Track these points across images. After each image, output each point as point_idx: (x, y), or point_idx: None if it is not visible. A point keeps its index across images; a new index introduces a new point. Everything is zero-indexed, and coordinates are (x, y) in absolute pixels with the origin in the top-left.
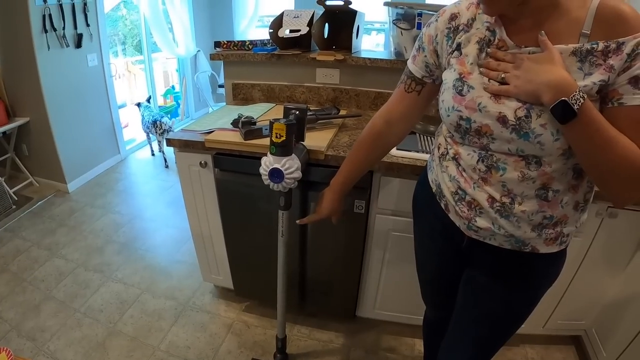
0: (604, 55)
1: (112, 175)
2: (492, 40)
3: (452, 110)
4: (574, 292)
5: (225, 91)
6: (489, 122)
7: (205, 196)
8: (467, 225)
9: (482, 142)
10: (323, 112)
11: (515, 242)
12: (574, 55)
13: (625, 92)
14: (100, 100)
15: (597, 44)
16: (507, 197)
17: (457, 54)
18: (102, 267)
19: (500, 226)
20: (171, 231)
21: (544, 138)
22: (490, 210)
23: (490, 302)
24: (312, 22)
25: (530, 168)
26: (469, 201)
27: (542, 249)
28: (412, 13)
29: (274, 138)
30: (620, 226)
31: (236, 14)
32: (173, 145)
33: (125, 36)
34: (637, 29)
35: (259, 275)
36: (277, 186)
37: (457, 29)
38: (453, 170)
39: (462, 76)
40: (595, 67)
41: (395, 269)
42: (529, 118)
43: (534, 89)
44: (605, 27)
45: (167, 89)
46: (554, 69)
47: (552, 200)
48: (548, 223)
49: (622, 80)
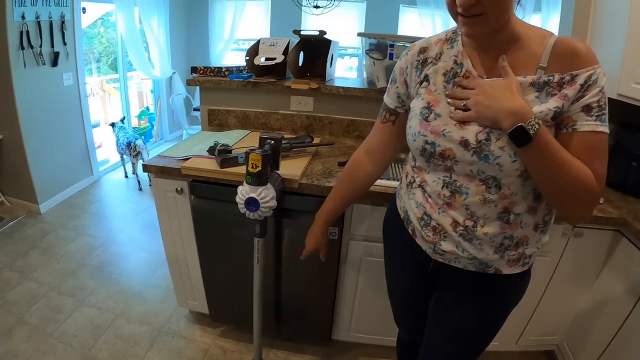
0: (559, 86)
1: (85, 197)
2: (459, 72)
3: (418, 135)
4: (544, 308)
5: (201, 117)
6: (452, 145)
7: (181, 222)
8: (432, 249)
9: (446, 165)
10: (297, 140)
11: (478, 264)
12: (532, 86)
13: (578, 119)
14: (75, 120)
15: (553, 76)
16: (470, 220)
17: (425, 84)
18: (75, 291)
19: (463, 249)
20: (145, 255)
21: (502, 160)
22: (454, 234)
23: (458, 321)
24: (288, 51)
25: (491, 191)
26: (434, 226)
27: (505, 270)
28: (385, 43)
29: (250, 168)
30: (586, 245)
31: (212, 36)
32: (149, 171)
33: (100, 54)
34: (589, 63)
35: (235, 300)
36: (253, 214)
37: (425, 61)
38: (419, 196)
39: (430, 104)
40: (551, 96)
41: (369, 292)
42: (489, 141)
43: (493, 115)
44: (561, 61)
45: (142, 109)
46: (512, 97)
47: (513, 222)
48: (510, 244)
49: (576, 108)
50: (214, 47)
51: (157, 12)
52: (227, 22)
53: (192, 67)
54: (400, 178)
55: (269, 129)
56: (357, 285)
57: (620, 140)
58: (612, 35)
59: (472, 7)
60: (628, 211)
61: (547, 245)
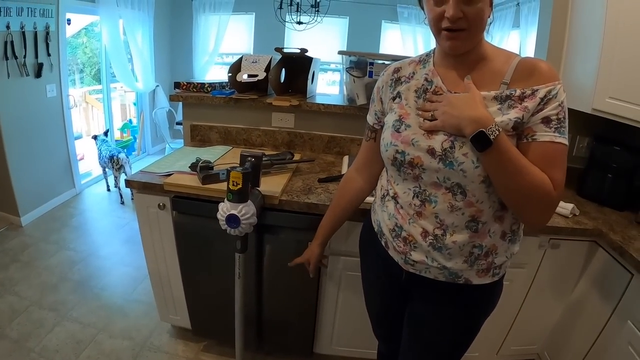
0: (520, 99)
1: (67, 210)
2: (429, 88)
3: (390, 145)
4: (524, 318)
5: (184, 132)
6: (420, 154)
7: (163, 237)
8: (404, 259)
9: (415, 173)
10: (278, 157)
11: (448, 274)
12: (495, 99)
13: (538, 129)
14: (57, 132)
15: (515, 91)
16: (440, 228)
17: (398, 100)
18: (56, 306)
19: (433, 258)
20: (127, 270)
21: (465, 166)
22: (423, 243)
23: (431, 333)
24: (270, 68)
25: (457, 199)
26: (404, 237)
27: (475, 281)
28: (365, 61)
29: (230, 185)
30: (563, 256)
31: (196, 50)
32: (132, 186)
33: (84, 64)
34: (550, 79)
35: (217, 315)
36: (234, 231)
37: (399, 80)
38: (392, 208)
39: (401, 117)
40: (512, 109)
41: (350, 306)
42: (453, 149)
43: (457, 123)
44: (523, 78)
45: (125, 122)
46: (475, 106)
47: (481, 231)
48: (479, 253)
49: (536, 119)
50: (198, 61)
51: (141, 24)
52: (211, 36)
53: (175, 82)
54: (375, 193)
55: (250, 144)
56: (337, 299)
57: (596, 153)
58: (587, 51)
59: (459, 21)
60: (604, 222)
61: (524, 257)
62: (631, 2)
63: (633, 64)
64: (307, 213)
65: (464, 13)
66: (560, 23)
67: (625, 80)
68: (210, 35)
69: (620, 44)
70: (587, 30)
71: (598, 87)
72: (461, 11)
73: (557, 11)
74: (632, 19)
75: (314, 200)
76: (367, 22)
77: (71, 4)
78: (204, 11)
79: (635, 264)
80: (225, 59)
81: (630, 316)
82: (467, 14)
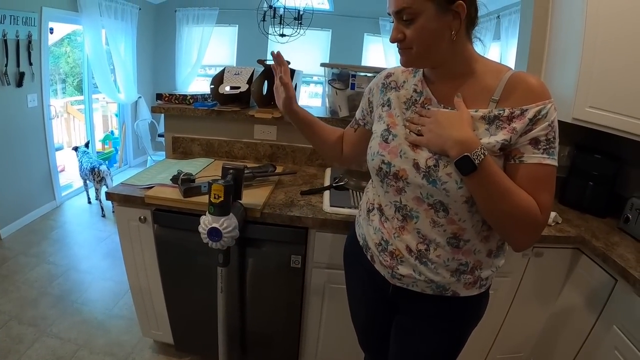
0: (509, 120)
1: (47, 223)
2: (418, 99)
3: (377, 155)
4: (509, 326)
5: (165, 144)
6: (406, 167)
7: (144, 251)
8: (391, 273)
9: (398, 186)
10: (260, 170)
11: (436, 287)
12: (483, 119)
13: (525, 151)
14: (38, 143)
15: (504, 111)
16: (423, 244)
17: (386, 109)
18: (36, 321)
19: (420, 272)
20: (108, 284)
21: (449, 185)
22: (410, 257)
23: (419, 345)
24: (252, 80)
25: (439, 215)
26: (391, 251)
27: (462, 293)
28: (347, 73)
29: (212, 199)
30: (547, 264)
31: (179, 61)
32: (113, 199)
33: (66, 74)
34: (540, 98)
35: (200, 330)
36: (216, 244)
37: (389, 85)
38: (377, 222)
39: (389, 126)
40: (500, 129)
41: (334, 319)
42: (437, 167)
43: (442, 143)
44: (513, 95)
45: (106, 134)
46: (461, 127)
47: (464, 248)
48: (465, 269)
49: (524, 140)
50: (181, 73)
51: (124, 35)
52: (194, 48)
53: (158, 93)
54: (360, 205)
55: (232, 157)
56: (321, 312)
57: (577, 162)
58: (567, 62)
59: (402, 42)
60: (586, 229)
61: (507, 266)
62: (609, 13)
63: (612, 73)
64: (289, 226)
65: (405, 34)
66: (540, 35)
67: (604, 89)
68: (193, 47)
69: (600, 54)
70: (566, 41)
71: (578, 97)
72: (402, 32)
73: (537, 23)
74: (611, 29)
75: (296, 213)
76: (349, 35)
77: (54, 13)
78: (187, 23)
79: (619, 270)
80: (208, 71)
81: (615, 321)
82: (407, 35)
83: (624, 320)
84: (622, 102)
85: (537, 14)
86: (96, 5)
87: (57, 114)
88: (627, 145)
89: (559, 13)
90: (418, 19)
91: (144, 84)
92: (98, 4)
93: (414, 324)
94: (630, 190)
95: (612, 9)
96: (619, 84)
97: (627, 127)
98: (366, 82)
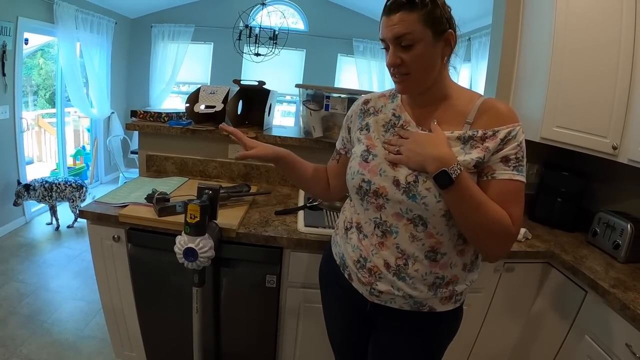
0: (482, 140)
1: (15, 239)
2: (397, 123)
3: (357, 174)
4: (484, 340)
5: (139, 162)
6: (386, 184)
7: (117, 270)
8: (369, 291)
9: (379, 203)
10: (235, 190)
11: (413, 303)
12: (458, 139)
13: (497, 168)
14: (8, 157)
15: (477, 132)
16: (402, 259)
17: (365, 132)
18: (5, 341)
19: (398, 288)
20: (79, 304)
21: (428, 200)
22: (388, 273)
23: None
24: (227, 99)
25: (418, 230)
26: (369, 267)
27: (438, 308)
28: (321, 94)
29: (188, 219)
30: (518, 278)
31: (153, 78)
32: (86, 217)
33: (38, 86)
34: (510, 121)
35: (175, 351)
36: (192, 264)
37: (367, 111)
38: (355, 240)
39: (369, 148)
40: (474, 149)
41: (310, 338)
42: (417, 183)
43: (421, 160)
44: (485, 119)
45: (78, 149)
46: (439, 146)
47: (441, 262)
48: (441, 282)
49: (495, 159)
50: (155, 89)
51: (99, 48)
52: (169, 65)
53: (132, 110)
54: (336, 225)
55: (206, 176)
56: (297, 331)
57: (546, 179)
58: (535, 84)
59: (398, 68)
60: (555, 244)
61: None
62: (575, 39)
63: (577, 95)
64: (264, 246)
65: (403, 60)
66: (510, 57)
67: (570, 110)
68: (168, 64)
69: (566, 77)
70: (535, 64)
71: (545, 117)
72: (400, 58)
73: (507, 46)
74: (577, 54)
75: (271, 232)
76: (323, 55)
77: (30, 23)
78: (162, 39)
79: (589, 282)
80: (182, 88)
81: (587, 331)
82: (405, 60)
83: (595, 329)
84: (583, 120)
85: (507, 38)
86: (72, 18)
87: (29, 126)
88: (592, 162)
89: (528, 37)
90: (417, 45)
91: (118, 99)
92: (74, 16)
93: (392, 340)
94: (597, 205)
95: (577, 42)
96: (580, 102)
97: (586, 144)
98: (340, 103)
